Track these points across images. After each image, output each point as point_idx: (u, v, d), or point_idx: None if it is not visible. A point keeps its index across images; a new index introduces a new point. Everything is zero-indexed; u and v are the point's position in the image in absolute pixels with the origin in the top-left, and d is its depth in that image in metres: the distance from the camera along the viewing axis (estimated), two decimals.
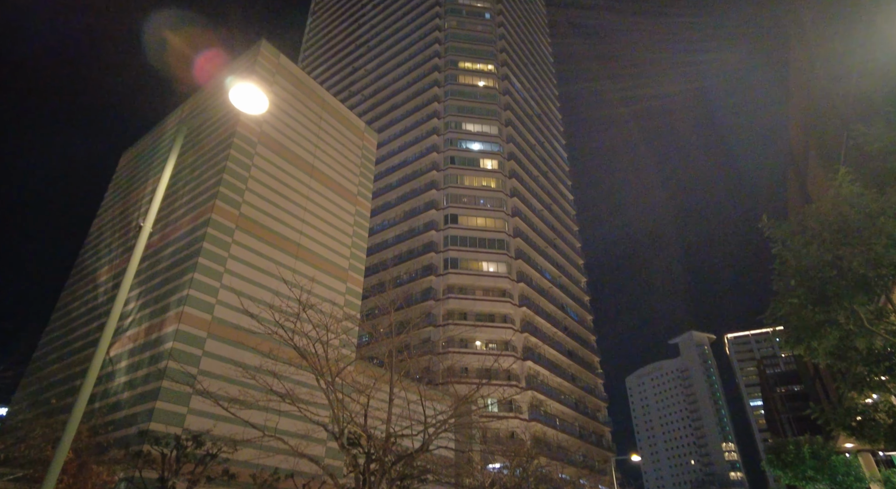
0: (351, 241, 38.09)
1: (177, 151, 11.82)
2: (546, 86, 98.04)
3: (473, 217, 67.90)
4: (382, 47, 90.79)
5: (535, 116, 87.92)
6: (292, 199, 34.69)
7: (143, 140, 44.36)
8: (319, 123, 40.22)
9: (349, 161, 41.43)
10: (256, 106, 11.02)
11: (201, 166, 33.08)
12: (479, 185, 70.78)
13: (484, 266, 64.49)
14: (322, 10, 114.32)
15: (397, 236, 68.90)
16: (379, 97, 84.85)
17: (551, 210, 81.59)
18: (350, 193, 40.12)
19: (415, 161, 73.28)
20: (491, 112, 76.79)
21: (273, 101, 36.84)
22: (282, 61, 38.96)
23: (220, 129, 34.21)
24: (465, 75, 79.64)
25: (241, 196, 31.33)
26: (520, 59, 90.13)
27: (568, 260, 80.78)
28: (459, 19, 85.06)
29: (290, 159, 36.06)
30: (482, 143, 74.14)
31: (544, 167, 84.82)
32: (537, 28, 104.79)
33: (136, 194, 38.92)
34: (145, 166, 40.63)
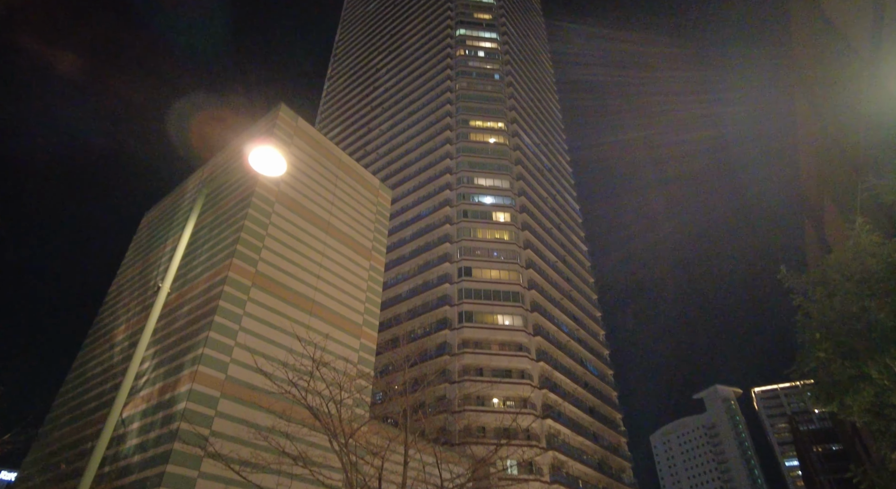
0: (365, 296, 38.11)
1: (197, 212, 12.16)
2: (555, 140, 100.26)
3: (487, 269, 67.84)
4: (396, 108, 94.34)
5: (545, 170, 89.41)
6: (308, 255, 35.10)
7: (164, 201, 45.74)
8: (335, 182, 41.27)
9: (364, 217, 42.13)
10: (275, 168, 11.40)
11: (220, 225, 33.84)
12: (493, 237, 71.16)
13: (499, 319, 63.72)
14: (338, 75, 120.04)
15: (411, 289, 68.82)
16: (393, 155, 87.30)
17: (565, 261, 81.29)
18: (365, 249, 40.51)
19: (428, 215, 74.30)
20: (502, 167, 78.33)
21: (291, 161, 38.03)
22: (300, 124, 40.53)
23: (239, 190, 35.22)
24: (477, 133, 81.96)
25: (258, 254, 31.80)
26: (529, 116, 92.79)
27: (585, 312, 79.59)
28: (470, 81, 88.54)
29: (307, 217, 36.78)
30: (494, 197, 75.18)
31: (557, 219, 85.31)
32: (545, 86, 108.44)
33: (156, 254, 39.72)
34: (165, 227, 41.68)
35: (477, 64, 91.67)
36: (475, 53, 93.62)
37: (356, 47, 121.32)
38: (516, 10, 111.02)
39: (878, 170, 11.39)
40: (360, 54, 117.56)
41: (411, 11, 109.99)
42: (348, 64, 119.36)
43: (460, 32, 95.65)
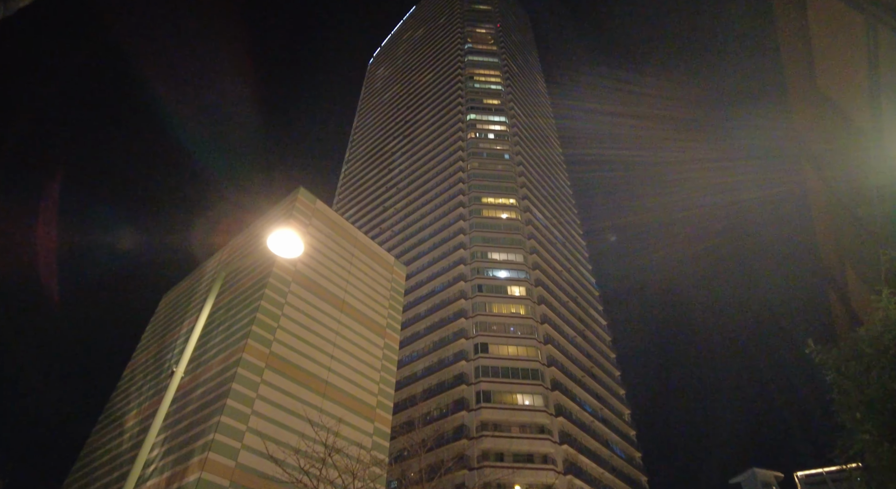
0: (379, 376, 37.26)
1: (214, 294, 12.28)
2: (567, 214, 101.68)
3: (504, 345, 66.40)
4: (411, 188, 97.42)
5: (559, 243, 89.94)
6: (322, 334, 34.85)
7: (183, 284, 46.49)
8: (351, 260, 41.81)
9: (379, 294, 42.18)
10: (292, 250, 11.62)
11: (236, 306, 34.05)
12: (509, 312, 70.32)
13: (519, 399, 61.38)
14: (356, 158, 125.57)
15: (426, 368, 67.21)
16: (407, 232, 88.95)
17: (585, 336, 79.45)
18: (379, 326, 40.18)
19: (443, 291, 74.17)
20: (515, 241, 79.04)
21: (308, 241, 38.84)
22: (318, 206, 41.83)
23: (256, 271, 35.76)
24: (489, 209, 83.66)
25: (272, 334, 31.68)
26: (539, 192, 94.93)
27: (608, 390, 76.50)
28: (481, 161, 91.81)
29: (322, 295, 36.95)
30: (509, 271, 75.20)
31: (573, 292, 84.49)
32: (554, 163, 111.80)
33: (172, 336, 39.76)
34: (182, 309, 42.04)
35: (487, 145, 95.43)
36: (485, 135, 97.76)
37: (372, 133, 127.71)
38: (523, 94, 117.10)
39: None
40: (376, 139, 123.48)
41: (424, 99, 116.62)
42: (365, 148, 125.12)
43: (471, 117, 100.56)
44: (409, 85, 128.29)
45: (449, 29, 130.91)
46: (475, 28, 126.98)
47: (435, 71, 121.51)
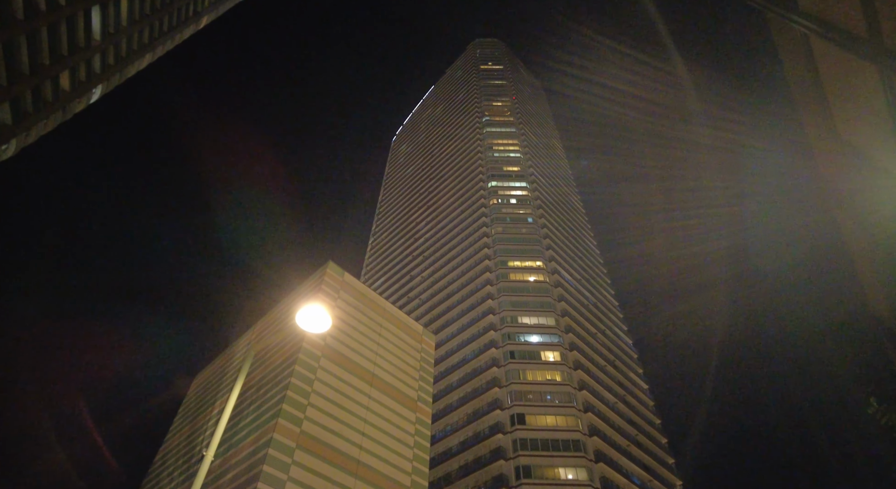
0: (412, 453, 35.77)
1: (244, 375, 12.18)
2: (597, 275, 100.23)
3: (542, 415, 63.43)
4: (436, 256, 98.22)
5: (590, 305, 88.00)
6: (353, 410, 34.02)
7: (213, 364, 46.64)
8: (380, 331, 41.54)
9: (408, 366, 41.41)
10: (321, 325, 11.57)
11: (267, 384, 33.77)
12: (544, 379, 67.81)
13: (561, 473, 57.72)
14: (382, 230, 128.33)
15: (462, 443, 64.27)
16: (435, 300, 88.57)
17: (626, 402, 75.58)
18: (410, 400, 39.10)
19: (474, 359, 72.40)
20: (545, 304, 77.68)
21: (337, 315, 38.92)
22: (346, 279, 42.28)
23: (286, 347, 35.74)
24: (516, 272, 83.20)
25: (303, 412, 31.08)
26: (566, 253, 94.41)
27: (656, 459, 71.52)
28: (505, 226, 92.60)
29: (352, 369, 36.45)
30: (540, 336, 73.34)
31: (610, 356, 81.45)
32: (579, 225, 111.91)
33: (203, 418, 39.36)
34: (213, 390, 41.90)
35: (510, 210, 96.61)
36: (507, 201, 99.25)
37: (397, 205, 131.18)
38: (542, 159, 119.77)
39: None
40: (401, 211, 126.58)
41: (446, 171, 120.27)
42: (391, 220, 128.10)
43: (492, 184, 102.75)
44: (431, 158, 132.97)
45: (467, 104, 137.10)
46: (492, 102, 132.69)
47: (455, 144, 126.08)
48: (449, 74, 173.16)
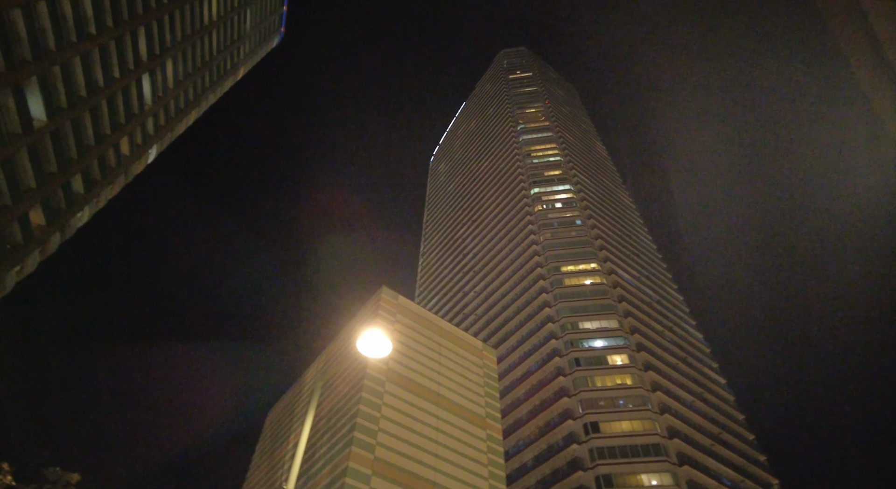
0: (488, 471, 35.39)
1: (314, 407, 12.50)
2: (656, 271, 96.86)
3: (616, 422, 61.36)
4: (486, 269, 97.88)
5: (654, 303, 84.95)
6: (423, 432, 34.11)
7: (285, 397, 48.03)
8: (440, 350, 41.66)
9: (472, 382, 41.22)
10: (382, 349, 11.73)
11: (337, 413, 34.44)
12: (613, 384, 65.71)
13: (644, 480, 55.42)
14: (430, 250, 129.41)
15: (536, 457, 62.94)
16: (491, 314, 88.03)
17: (704, 399, 72.01)
18: (479, 417, 38.82)
19: (538, 369, 71.16)
20: (606, 307, 75.64)
21: (396, 338, 39.39)
22: (400, 301, 42.81)
23: (351, 375, 36.42)
24: (571, 277, 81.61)
25: (374, 438, 31.43)
26: (621, 252, 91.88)
27: (745, 457, 67.48)
28: (553, 231, 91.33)
29: (417, 391, 36.65)
30: (605, 340, 71.31)
31: (681, 353, 78.07)
32: (630, 222, 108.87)
33: (280, 452, 40.50)
34: (287, 423, 43.09)
35: (556, 215, 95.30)
36: (553, 206, 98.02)
37: (442, 223, 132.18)
38: (583, 159, 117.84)
39: None
40: (446, 228, 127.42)
41: (487, 184, 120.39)
42: (437, 239, 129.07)
43: (535, 191, 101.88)
44: (471, 173, 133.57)
45: (500, 115, 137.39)
46: (525, 109, 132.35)
47: (493, 156, 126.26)
48: (479, 89, 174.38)
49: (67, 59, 37.83)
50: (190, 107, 60.06)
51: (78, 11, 38.45)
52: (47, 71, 36.22)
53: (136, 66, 46.74)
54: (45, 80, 36.25)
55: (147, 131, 51.83)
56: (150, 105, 50.85)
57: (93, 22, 40.22)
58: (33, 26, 34.61)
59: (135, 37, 45.75)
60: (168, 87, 53.50)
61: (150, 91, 50.40)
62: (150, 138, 52.77)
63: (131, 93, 46.98)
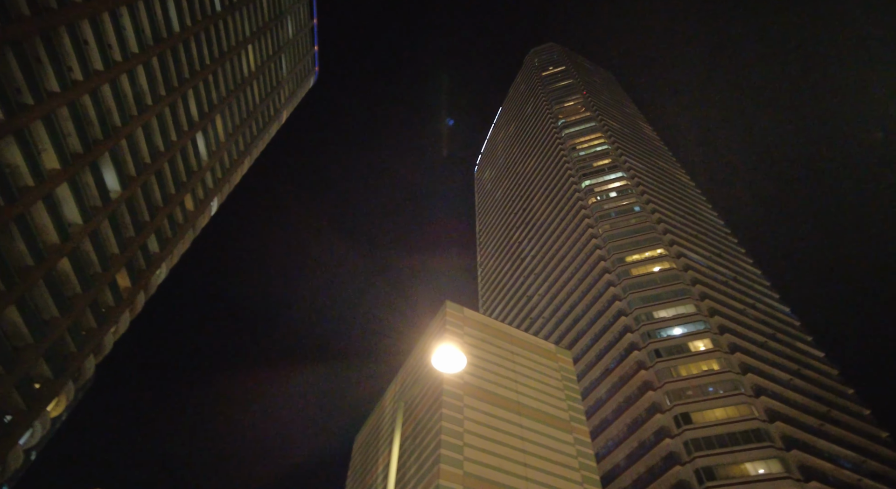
0: (580, 475, 34.59)
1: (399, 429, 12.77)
2: (727, 247, 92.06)
3: (709, 410, 58.37)
4: (548, 270, 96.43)
5: (730, 281, 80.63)
6: (509, 443, 33.89)
7: (368, 422, 49.09)
8: (513, 358, 41.39)
9: (551, 387, 40.59)
10: (456, 364, 11.82)
11: (420, 433, 34.85)
12: (699, 371, 62.66)
13: (749, 469, 52.23)
14: (487, 259, 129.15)
15: (628, 455, 60.79)
16: (559, 315, 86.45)
17: (803, 376, 67.27)
18: (563, 421, 38.12)
19: (617, 366, 69.00)
20: (679, 292, 72.53)
21: (467, 350, 39.52)
22: (466, 314, 42.99)
23: (428, 393, 36.81)
24: (637, 266, 78.99)
25: (461, 453, 31.55)
26: (687, 233, 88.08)
27: (863, 435, 62.19)
28: (612, 221, 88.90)
29: (496, 402, 36.51)
30: (683, 326, 68.27)
31: (769, 330, 73.48)
32: (692, 200, 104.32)
33: (371, 477, 41.35)
34: (373, 447, 44.00)
35: (613, 204, 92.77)
36: (607, 196, 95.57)
37: (495, 230, 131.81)
38: (631, 144, 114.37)
39: None
40: (500, 235, 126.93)
41: (535, 184, 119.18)
42: (493, 246, 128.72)
43: (586, 183, 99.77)
44: (517, 176, 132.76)
45: (539, 114, 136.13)
46: (563, 104, 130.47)
47: (537, 155, 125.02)
48: (513, 92, 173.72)
49: (131, 131, 41.15)
50: (242, 156, 63.54)
51: (135, 87, 41.84)
52: (116, 145, 39.54)
53: (189, 126, 50.12)
54: (116, 153, 39.56)
55: (207, 185, 55.25)
56: (207, 160, 54.25)
57: (148, 94, 43.61)
58: (100, 107, 37.97)
59: (185, 100, 49.15)
60: (220, 142, 56.93)
61: (205, 148, 53.81)
62: (211, 191, 56.20)
63: (188, 152, 50.35)
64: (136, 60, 41.27)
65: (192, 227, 52.56)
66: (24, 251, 31.72)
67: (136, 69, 41.68)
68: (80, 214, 36.05)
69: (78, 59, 35.65)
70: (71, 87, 34.95)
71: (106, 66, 38.24)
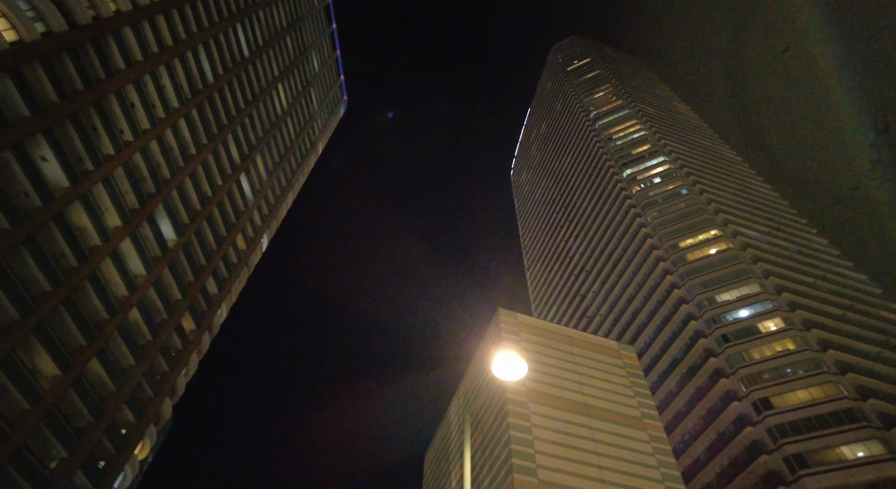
0: (660, 473, 33.42)
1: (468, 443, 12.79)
2: (787, 219, 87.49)
3: (791, 393, 55.16)
4: (599, 265, 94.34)
5: (794, 255, 76.44)
6: (581, 446, 33.20)
7: (436, 436, 49.20)
8: (574, 359, 40.67)
9: (618, 385, 39.57)
10: (517, 371, 11.74)
11: (489, 444, 34.67)
12: (774, 352, 59.45)
13: (846, 453, 48.84)
14: (534, 262, 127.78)
15: (708, 448, 58.06)
16: (617, 310, 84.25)
17: (893, 347, 62.57)
18: (634, 419, 37.03)
19: (684, 356, 66.38)
20: (741, 272, 69.34)
21: (526, 356, 39.13)
22: (520, 319, 42.65)
23: (492, 403, 36.62)
24: (692, 251, 76.17)
25: (533, 461, 31.16)
26: (741, 210, 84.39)
27: None
28: (659, 208, 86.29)
29: (563, 406, 35.91)
30: (749, 308, 65.10)
31: (845, 301, 68.98)
32: (741, 175, 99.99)
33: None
34: (444, 463, 44.03)
35: (658, 190, 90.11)
36: (651, 182, 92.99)
37: (539, 232, 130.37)
38: (669, 126, 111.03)
39: None
40: (545, 236, 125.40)
41: (574, 180, 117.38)
42: (539, 249, 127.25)
43: (627, 172, 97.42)
44: (555, 175, 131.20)
45: (569, 109, 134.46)
46: (592, 96, 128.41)
47: (573, 151, 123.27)
48: (540, 91, 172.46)
49: (180, 181, 43.52)
50: (285, 191, 65.87)
51: (179, 139, 44.32)
52: (168, 197, 41.89)
53: (232, 169, 52.50)
54: (169, 204, 41.90)
55: (255, 223, 57.53)
56: (252, 199, 56.57)
57: (192, 144, 46.07)
58: (151, 163, 40.42)
59: (226, 145, 51.58)
60: (263, 180, 59.28)
61: (249, 187, 56.16)
62: (260, 228, 58.46)
63: (235, 194, 52.68)
64: (177, 114, 43.76)
65: (246, 265, 54.74)
66: (99, 306, 33.94)
67: (179, 122, 44.15)
68: (144, 265, 38.28)
69: (127, 122, 38.16)
70: (124, 148, 37.40)
71: (152, 124, 40.73)
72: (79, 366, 31.29)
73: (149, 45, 40.93)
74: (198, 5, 47.64)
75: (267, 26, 61.98)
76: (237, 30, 54.74)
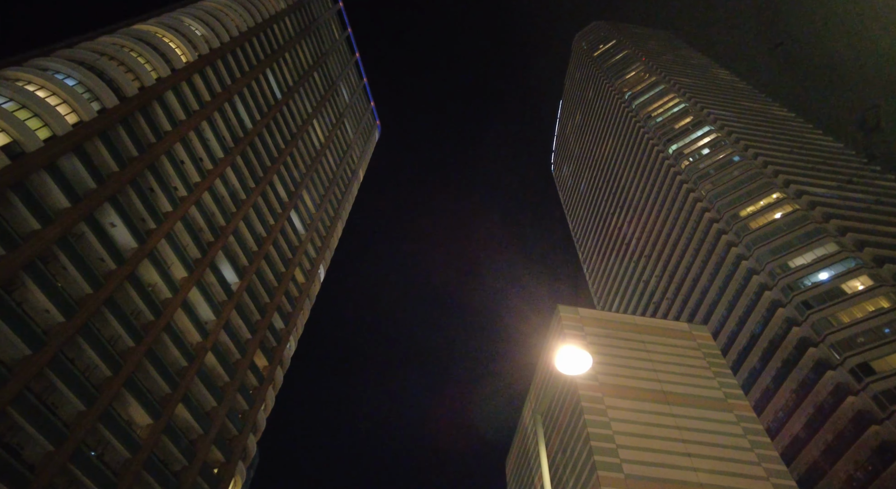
0: (755, 454, 31.67)
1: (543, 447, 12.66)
2: (856, 169, 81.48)
3: (893, 354, 50.99)
4: (658, 248, 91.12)
5: (871, 205, 70.94)
6: (665, 435, 32.01)
7: (514, 442, 48.75)
8: (645, 347, 39.44)
9: (695, 367, 37.99)
10: (583, 364, 11.44)
11: (569, 444, 34.04)
12: (866, 313, 55.22)
13: None
14: (589, 254, 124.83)
15: (806, 424, 54.20)
16: (684, 291, 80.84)
17: None
18: (718, 401, 35.37)
19: (764, 329, 62.69)
20: (813, 233, 65.06)
21: (593, 350, 38.29)
22: (582, 313, 41.84)
23: (565, 402, 36.00)
24: (755, 218, 72.27)
25: (616, 457, 30.34)
26: (802, 168, 79.43)
27: None
28: (712, 179, 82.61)
29: (639, 396, 34.83)
30: (829, 269, 60.87)
31: None
32: (796, 132, 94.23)
33: None
34: (525, 468, 43.53)
35: (708, 162, 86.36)
36: (700, 154, 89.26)
37: (590, 223, 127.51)
38: (709, 94, 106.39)
39: None
40: (596, 226, 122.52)
41: (618, 165, 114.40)
42: (592, 240, 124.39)
43: (673, 148, 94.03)
44: (597, 163, 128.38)
45: (602, 95, 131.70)
46: (624, 77, 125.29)
47: (612, 136, 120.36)
48: (569, 82, 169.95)
49: (235, 226, 45.86)
50: (335, 221, 67.94)
51: (228, 187, 46.78)
52: (226, 243, 44.20)
53: (282, 208, 54.77)
54: (228, 250, 44.20)
55: (311, 256, 59.58)
56: (304, 234, 58.69)
57: (240, 190, 48.51)
58: (206, 213, 42.86)
59: (273, 186, 53.93)
60: (312, 213, 61.45)
61: (300, 222, 58.33)
62: (316, 260, 60.48)
63: (287, 231, 54.87)
64: (224, 164, 46.28)
65: (307, 298, 56.68)
66: (178, 355, 36.10)
67: (226, 172, 46.65)
68: (213, 311, 40.45)
69: (179, 178, 40.73)
70: (180, 204, 39.90)
71: (202, 177, 43.26)
72: (167, 413, 33.33)
73: (189, 104, 43.65)
74: (228, 59, 50.43)
75: (294, 67, 64.64)
76: (267, 75, 57.41)
